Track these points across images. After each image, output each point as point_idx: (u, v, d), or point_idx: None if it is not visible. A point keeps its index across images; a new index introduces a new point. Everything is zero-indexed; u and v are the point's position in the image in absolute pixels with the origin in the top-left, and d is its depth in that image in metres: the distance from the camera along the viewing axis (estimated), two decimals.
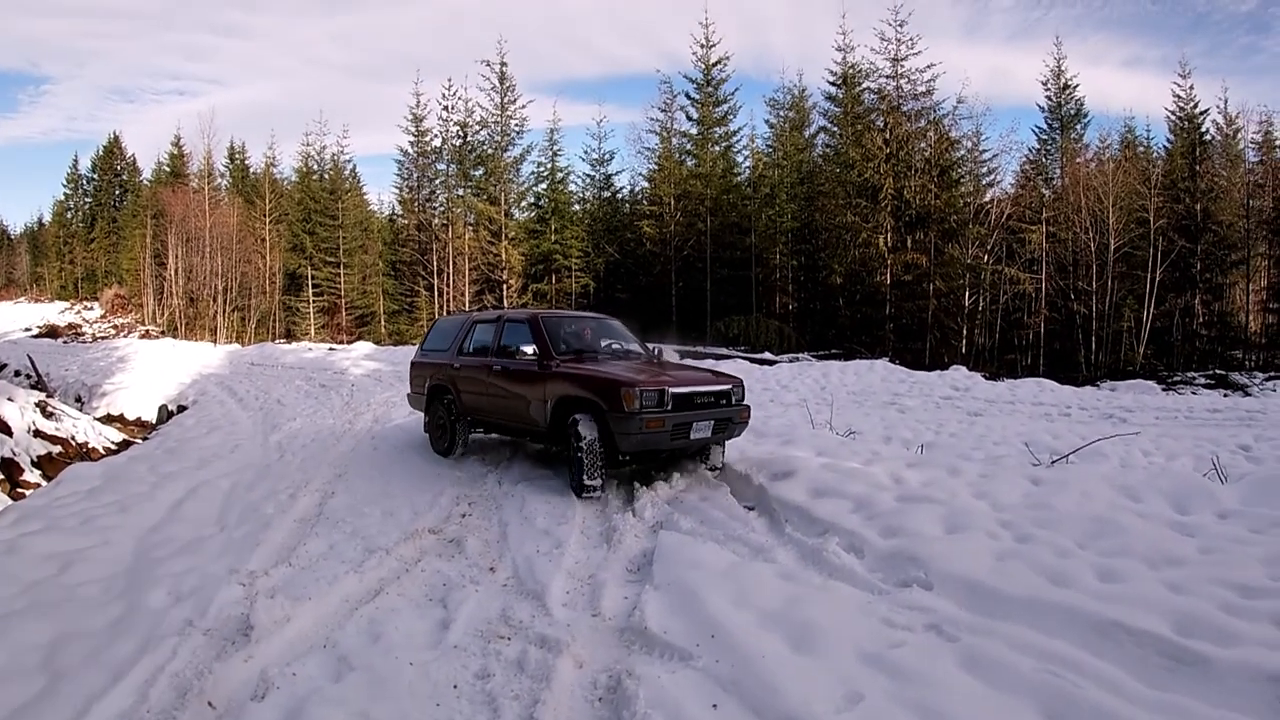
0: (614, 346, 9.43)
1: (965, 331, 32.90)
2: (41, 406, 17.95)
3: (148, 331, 50.11)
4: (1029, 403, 17.02)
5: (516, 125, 42.69)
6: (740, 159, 43.32)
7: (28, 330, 53.74)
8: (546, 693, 3.87)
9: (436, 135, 45.72)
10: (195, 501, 8.33)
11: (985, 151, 36.46)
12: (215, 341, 43.82)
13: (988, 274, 33.52)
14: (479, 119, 43.21)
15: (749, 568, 5.36)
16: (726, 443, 8.59)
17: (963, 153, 35.71)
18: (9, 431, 16.12)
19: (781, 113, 43.24)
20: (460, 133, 44.11)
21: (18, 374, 29.75)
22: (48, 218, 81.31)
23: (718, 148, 41.33)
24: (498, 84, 42.18)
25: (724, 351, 25.72)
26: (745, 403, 8.34)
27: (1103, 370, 29.33)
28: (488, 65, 42.25)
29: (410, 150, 46.98)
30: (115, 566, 6.10)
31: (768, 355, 24.77)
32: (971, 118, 35.65)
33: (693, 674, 3.96)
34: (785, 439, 9.32)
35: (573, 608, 5.05)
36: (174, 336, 46.53)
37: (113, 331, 52.41)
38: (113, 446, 18.09)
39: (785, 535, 6.18)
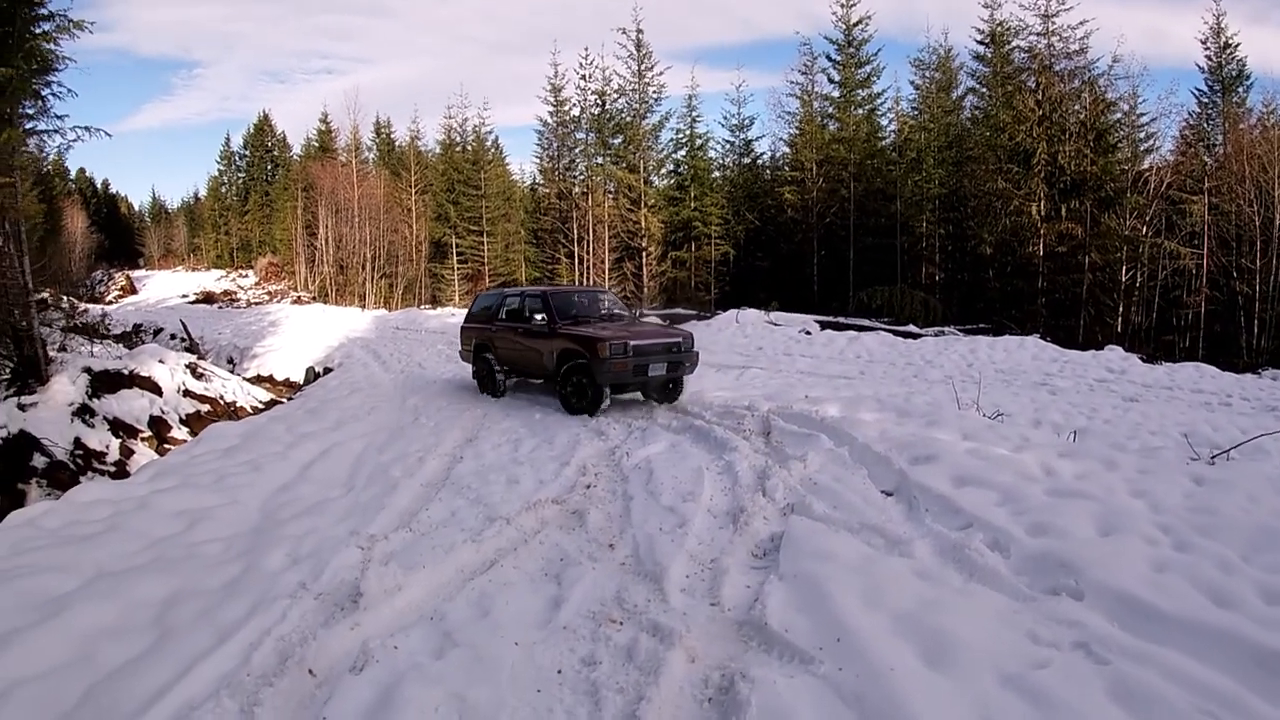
0: (605, 312, 12.71)
1: (1121, 309, 30.69)
2: (192, 368, 18.80)
3: (299, 298, 52.82)
4: (1188, 389, 15.74)
5: (654, 92, 42.28)
6: (884, 122, 41.53)
7: (185, 297, 57.47)
8: (653, 689, 3.63)
9: (575, 104, 45.77)
10: (326, 462, 8.48)
11: (1142, 115, 33.94)
12: (363, 307, 45.38)
13: (1146, 247, 31.09)
14: (616, 87, 42.94)
15: (883, 563, 4.93)
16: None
17: (1119, 116, 33.18)
18: (159, 391, 16.91)
19: (927, 73, 40.76)
20: (598, 101, 43.85)
21: (173, 337, 31.54)
22: (203, 192, 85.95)
23: (861, 110, 39.58)
24: (634, 51, 41.86)
25: (865, 323, 24.72)
26: (694, 350, 11.50)
27: (1265, 357, 26.96)
28: (623, 33, 41.98)
29: (550, 120, 47.12)
30: (240, 525, 6.21)
31: (912, 328, 23.62)
32: (1128, 78, 32.96)
33: (812, 681, 3.62)
34: (929, 419, 8.70)
35: (691, 594, 4.78)
36: (324, 302, 48.40)
37: (266, 297, 55.75)
38: (260, 406, 18.80)
39: (925, 526, 5.65)
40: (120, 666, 3.88)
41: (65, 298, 42.13)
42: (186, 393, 17.63)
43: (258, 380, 25.60)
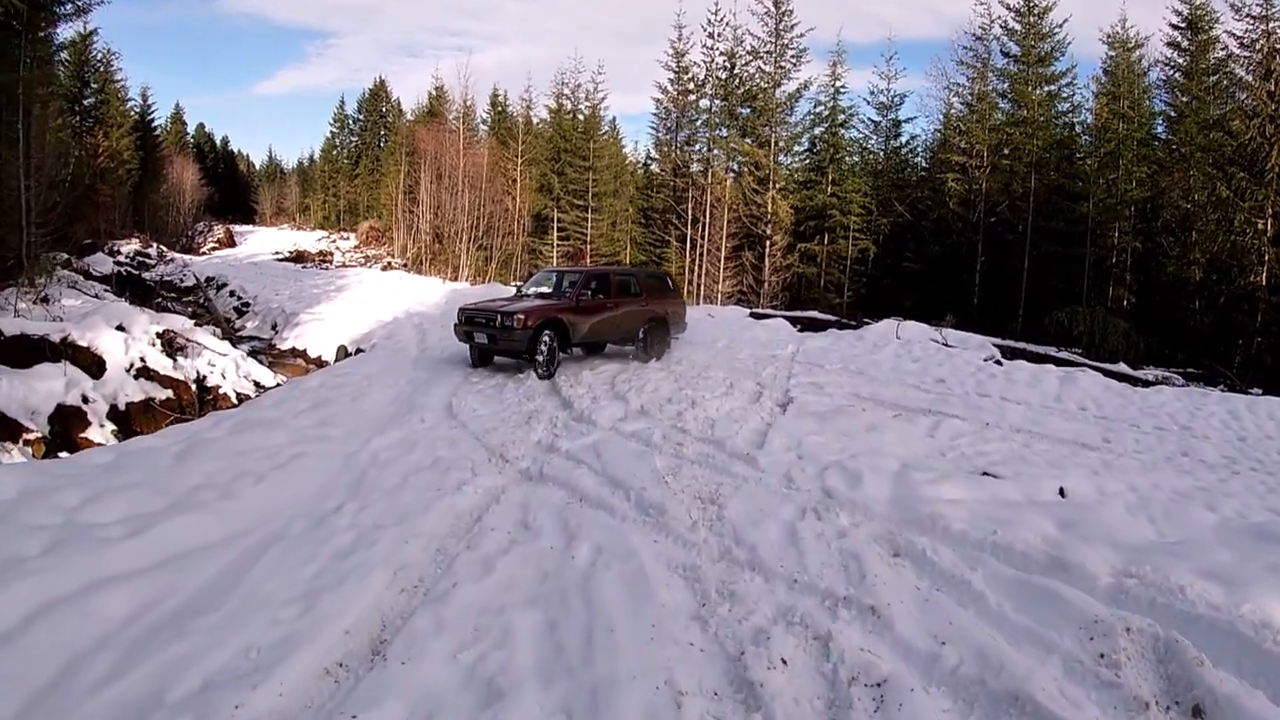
0: (544, 291, 14.50)
1: None
2: (168, 339, 14.39)
3: (389, 264, 50.61)
4: None
5: (793, 55, 37.32)
6: (1064, 108, 34.22)
7: (276, 254, 55.28)
8: None
9: (700, 67, 40.74)
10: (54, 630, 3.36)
11: None
12: (449, 279, 41.62)
13: None
14: (749, 48, 38.21)
15: None
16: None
17: None
18: (101, 369, 12.52)
19: (1119, 53, 33.50)
20: (727, 64, 39.05)
21: (233, 293, 30.50)
22: (318, 155, 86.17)
23: (1043, 90, 32.88)
24: (771, 8, 37.03)
25: (1060, 354, 18.43)
26: (516, 330, 12.16)
27: None
28: None
29: (669, 88, 42.22)
30: None
31: (1124, 367, 17.24)
32: None
33: None
34: None
35: None
36: (417, 271, 45.71)
37: (363, 261, 53.99)
38: (250, 394, 14.54)
39: None
40: None
41: (154, 244, 40.66)
42: (143, 372, 13.21)
43: (291, 354, 21.75)
